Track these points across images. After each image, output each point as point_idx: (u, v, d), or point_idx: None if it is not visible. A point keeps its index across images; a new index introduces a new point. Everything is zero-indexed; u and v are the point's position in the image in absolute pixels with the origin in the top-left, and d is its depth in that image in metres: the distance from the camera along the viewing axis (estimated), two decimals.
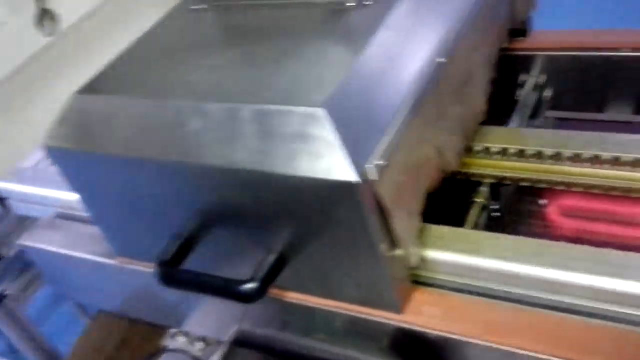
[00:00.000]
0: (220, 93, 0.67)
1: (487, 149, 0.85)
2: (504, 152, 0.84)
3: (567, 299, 0.65)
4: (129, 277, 0.92)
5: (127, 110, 0.72)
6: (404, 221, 0.65)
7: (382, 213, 0.62)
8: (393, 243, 0.64)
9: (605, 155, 0.78)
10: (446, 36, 0.73)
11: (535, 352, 0.62)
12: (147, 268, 0.80)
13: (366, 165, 0.59)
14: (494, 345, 0.63)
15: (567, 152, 0.80)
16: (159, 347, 0.98)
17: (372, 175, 0.59)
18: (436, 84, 0.69)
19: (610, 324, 0.63)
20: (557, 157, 0.81)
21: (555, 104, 1.04)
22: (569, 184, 0.80)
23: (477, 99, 0.81)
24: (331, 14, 0.74)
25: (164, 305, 0.98)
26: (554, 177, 0.80)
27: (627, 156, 0.78)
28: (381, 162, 0.60)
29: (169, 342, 0.98)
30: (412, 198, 0.66)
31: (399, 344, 0.73)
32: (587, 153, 0.79)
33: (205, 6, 0.85)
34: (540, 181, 0.81)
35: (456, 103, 0.76)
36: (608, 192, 0.78)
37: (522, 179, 0.82)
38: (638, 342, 0.60)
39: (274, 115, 0.62)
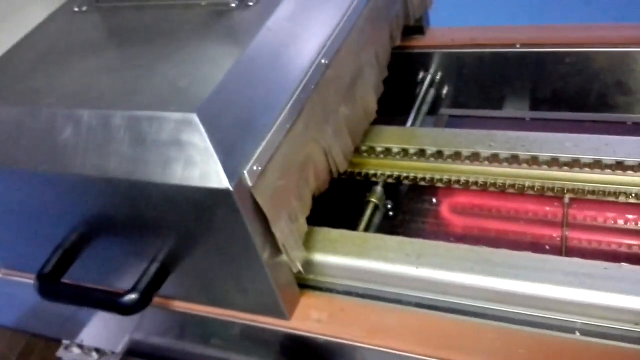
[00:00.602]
0: (93, 99, 0.63)
1: (384, 149, 0.85)
2: (394, 152, 0.84)
3: (453, 299, 0.66)
4: (16, 289, 0.87)
5: None
6: (287, 226, 0.64)
7: (262, 219, 0.61)
8: (275, 249, 0.63)
9: (494, 152, 0.80)
10: (330, 37, 0.72)
11: (421, 354, 0.62)
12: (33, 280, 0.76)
13: (241, 171, 0.57)
14: (379, 349, 0.64)
15: (458, 151, 0.81)
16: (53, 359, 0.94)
17: (247, 181, 0.57)
18: (319, 85, 0.68)
19: (498, 324, 0.63)
20: (448, 156, 0.82)
21: (453, 101, 1.06)
22: (459, 182, 0.81)
23: (367, 99, 0.81)
24: (214, 15, 0.71)
25: (59, 317, 0.94)
26: (445, 175, 0.82)
27: (505, 153, 0.80)
28: (257, 167, 0.58)
29: (63, 354, 0.95)
30: (294, 202, 0.65)
31: (289, 350, 0.72)
32: (477, 151, 0.81)
33: (87, 8, 0.80)
34: (432, 179, 0.82)
35: (343, 104, 0.75)
36: (496, 189, 0.80)
37: (414, 178, 0.83)
38: (526, 341, 0.61)
39: (147, 122, 0.59)
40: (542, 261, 0.64)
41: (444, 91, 1.05)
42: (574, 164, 0.77)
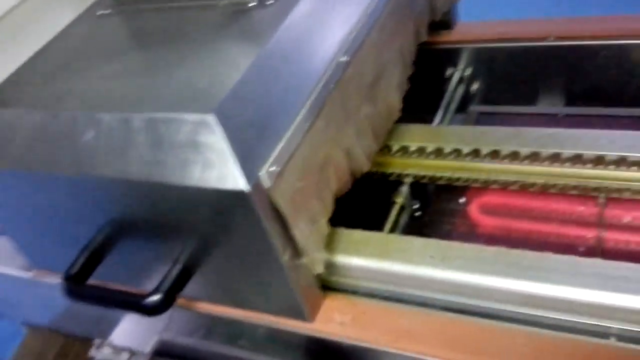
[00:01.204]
0: (113, 102, 0.64)
1: (405, 148, 0.83)
2: (422, 151, 0.82)
3: (480, 303, 0.64)
4: (48, 290, 0.88)
5: (23, 122, 0.69)
6: (307, 228, 0.63)
7: (281, 220, 0.60)
8: (296, 251, 0.62)
9: (524, 150, 0.78)
10: (350, 34, 0.70)
11: (444, 359, 0.61)
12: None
13: (259, 173, 0.56)
14: (404, 353, 0.62)
15: (485, 149, 0.79)
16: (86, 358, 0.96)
17: (265, 182, 0.57)
18: (340, 83, 0.67)
19: (524, 327, 0.61)
20: (475, 154, 0.80)
21: (483, 98, 1.03)
22: (487, 182, 0.78)
23: (391, 98, 0.79)
24: (232, 15, 0.71)
25: (90, 317, 0.96)
26: (473, 175, 0.79)
27: (545, 151, 0.77)
28: (274, 168, 0.58)
29: (94, 354, 0.96)
30: (315, 203, 0.64)
31: (313, 353, 0.71)
32: (504, 149, 0.78)
33: (110, 11, 0.81)
34: (459, 179, 0.80)
35: (366, 103, 0.74)
36: (526, 189, 0.77)
37: (441, 178, 0.81)
38: (558, 347, 0.58)
39: (165, 124, 0.59)
40: (574, 263, 0.61)
41: (474, 88, 1.02)
42: (609, 161, 0.73)
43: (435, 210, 0.83)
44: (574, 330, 0.59)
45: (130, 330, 0.92)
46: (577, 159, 0.74)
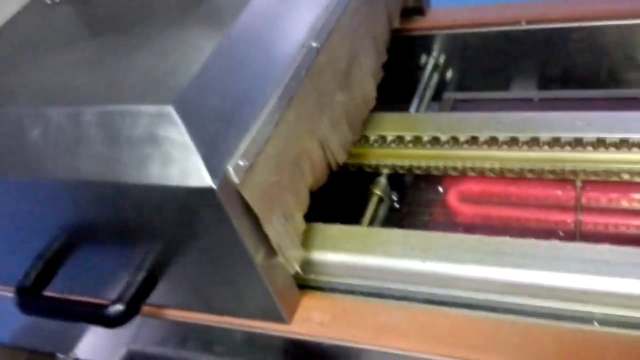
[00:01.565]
0: (64, 95, 0.59)
1: (383, 138, 0.80)
2: (400, 140, 0.79)
3: (462, 293, 0.61)
4: (3, 304, 0.83)
5: None
6: (281, 224, 0.59)
7: (253, 218, 0.56)
8: (270, 250, 0.58)
9: (502, 136, 0.75)
10: (320, 19, 0.66)
11: (432, 354, 0.57)
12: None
13: (225, 167, 0.52)
14: (386, 350, 0.59)
15: (463, 136, 0.76)
16: None
17: (233, 177, 0.52)
18: (311, 71, 0.63)
19: (508, 316, 0.59)
20: (454, 142, 0.76)
21: (458, 85, 1.01)
22: (465, 169, 0.75)
23: (365, 86, 0.76)
24: None
25: (52, 332, 0.90)
26: (451, 163, 0.76)
27: (523, 136, 0.74)
28: (243, 162, 0.53)
29: None
30: (289, 199, 0.60)
31: (294, 355, 0.67)
32: (482, 135, 0.75)
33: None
34: (437, 168, 0.77)
35: (340, 91, 0.70)
36: (504, 175, 0.74)
37: (419, 167, 0.77)
38: (543, 335, 0.56)
39: (119, 117, 0.54)
40: (556, 249, 0.59)
41: (448, 75, 1.00)
42: (585, 144, 0.71)
43: (415, 201, 0.80)
44: (557, 316, 0.57)
45: (96, 343, 0.86)
46: (554, 143, 0.72)
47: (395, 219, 0.79)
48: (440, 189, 0.80)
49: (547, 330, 0.56)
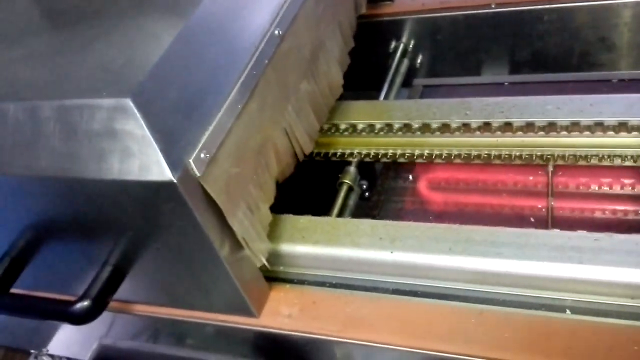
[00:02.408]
0: (19, 90, 0.57)
1: (352, 126, 0.79)
2: (370, 128, 0.79)
3: (431, 283, 0.61)
4: None
5: None
6: (246, 217, 0.58)
7: (217, 211, 0.55)
8: (236, 243, 0.58)
9: (471, 122, 0.75)
10: (282, 6, 0.65)
11: (399, 345, 0.57)
12: None
13: (186, 160, 0.51)
14: (354, 342, 0.58)
15: (432, 123, 0.76)
16: None
17: (194, 170, 0.51)
18: (274, 59, 0.62)
19: (477, 305, 0.58)
20: (423, 128, 0.76)
21: (429, 71, 1.00)
22: (433, 156, 0.75)
23: (331, 74, 0.75)
24: None
25: (25, 328, 0.89)
26: (420, 150, 0.76)
27: (493, 121, 0.74)
28: (204, 154, 0.52)
29: None
30: (253, 190, 0.60)
31: (264, 348, 0.67)
32: (451, 121, 0.75)
33: None
34: (407, 155, 0.76)
35: (305, 80, 0.69)
36: (473, 161, 0.74)
37: (388, 155, 0.77)
38: (513, 324, 0.56)
39: (77, 111, 0.53)
40: (526, 236, 0.59)
41: (419, 60, 0.99)
42: (556, 128, 0.71)
43: (385, 190, 0.79)
44: (529, 305, 0.57)
45: (68, 338, 0.86)
46: (524, 127, 0.72)
47: (365, 208, 0.79)
48: (411, 177, 0.79)
49: (514, 318, 0.56)
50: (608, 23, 0.89)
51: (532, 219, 0.71)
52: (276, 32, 0.63)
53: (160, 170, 0.50)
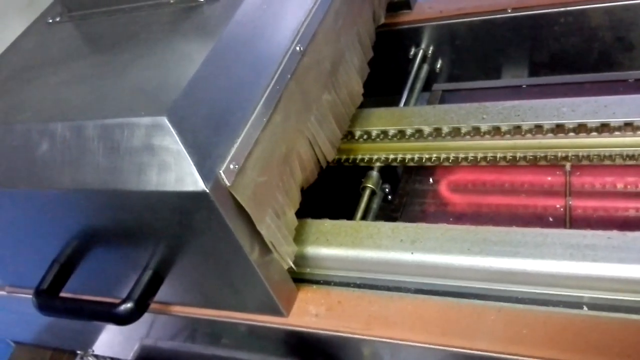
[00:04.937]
0: (66, 110, 0.62)
1: (369, 133, 0.83)
2: (387, 134, 0.82)
3: (451, 282, 0.64)
4: (24, 306, 0.87)
5: None
6: (273, 222, 0.62)
7: (247, 218, 0.59)
8: (264, 247, 0.62)
9: (486, 126, 0.77)
10: (303, 23, 0.69)
11: (421, 342, 0.60)
12: None
13: (217, 171, 0.56)
14: (378, 339, 0.62)
15: (447, 127, 0.78)
16: None
17: (224, 181, 0.56)
18: (296, 73, 0.66)
19: (496, 303, 0.61)
20: (438, 133, 0.79)
21: (449, 75, 1.03)
22: (455, 159, 0.78)
23: (352, 84, 0.79)
24: (183, 12, 0.69)
25: (71, 330, 0.95)
26: (440, 154, 0.79)
27: (508, 124, 0.76)
28: (233, 165, 0.57)
29: None
30: (280, 197, 0.64)
31: (293, 346, 0.71)
32: (467, 126, 0.78)
33: (60, 18, 0.79)
34: (427, 159, 0.79)
35: (326, 90, 0.73)
36: (493, 163, 0.76)
37: (410, 159, 0.80)
38: (530, 320, 0.58)
39: (118, 129, 0.58)
40: (542, 235, 0.61)
41: (438, 65, 1.02)
42: (572, 129, 0.73)
43: (407, 193, 0.82)
44: (546, 302, 0.60)
45: (111, 339, 0.91)
46: (538, 130, 0.74)
47: (388, 210, 0.82)
48: (431, 180, 0.82)
49: (530, 315, 0.59)
50: (625, 23, 0.90)
51: (550, 219, 0.73)
52: (297, 48, 0.67)
53: (193, 182, 0.55)
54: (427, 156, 0.80)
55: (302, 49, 0.68)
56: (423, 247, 0.64)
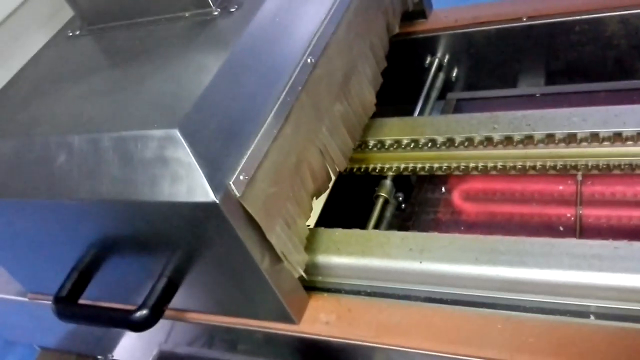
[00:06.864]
0: (83, 123, 0.65)
1: (382, 143, 0.84)
2: (400, 144, 0.83)
3: (459, 291, 0.64)
4: (44, 312, 0.90)
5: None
6: (283, 232, 0.63)
7: (257, 227, 0.60)
8: (275, 256, 0.63)
9: (498, 135, 0.77)
10: (315, 35, 0.70)
11: (429, 350, 0.61)
12: None
13: (227, 183, 0.57)
14: (387, 347, 0.63)
15: (467, 136, 0.79)
16: None
17: (234, 192, 0.57)
18: (307, 85, 0.68)
19: (504, 312, 0.61)
20: (456, 143, 0.80)
21: (464, 84, 1.03)
22: (467, 169, 0.78)
23: (364, 94, 0.80)
24: (197, 25, 0.71)
25: (92, 335, 0.97)
26: (452, 163, 0.79)
27: (519, 134, 0.77)
28: (243, 177, 0.58)
29: None
30: (290, 207, 0.65)
31: (305, 352, 0.72)
32: (479, 135, 0.78)
33: (80, 32, 0.82)
34: (440, 168, 0.80)
35: (338, 101, 0.74)
36: (505, 172, 0.77)
37: (423, 169, 0.81)
38: (536, 329, 0.58)
39: (132, 141, 0.60)
40: (550, 245, 0.61)
41: (454, 74, 1.02)
42: (583, 139, 0.73)
43: (419, 202, 0.83)
44: (553, 311, 0.60)
45: (131, 344, 0.93)
46: (550, 139, 0.74)
47: (401, 219, 0.83)
48: (444, 189, 0.82)
49: (537, 324, 0.59)
50: None
51: (561, 228, 0.73)
52: (309, 60, 0.69)
53: (204, 193, 0.56)
54: (439, 165, 0.80)
55: (313, 60, 0.69)
56: (431, 256, 0.64)
